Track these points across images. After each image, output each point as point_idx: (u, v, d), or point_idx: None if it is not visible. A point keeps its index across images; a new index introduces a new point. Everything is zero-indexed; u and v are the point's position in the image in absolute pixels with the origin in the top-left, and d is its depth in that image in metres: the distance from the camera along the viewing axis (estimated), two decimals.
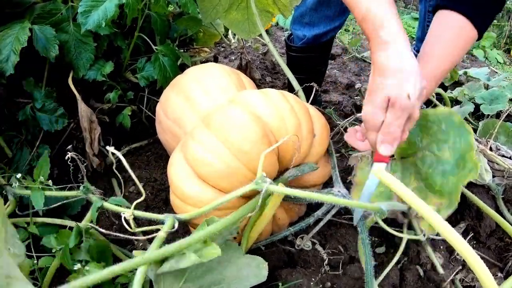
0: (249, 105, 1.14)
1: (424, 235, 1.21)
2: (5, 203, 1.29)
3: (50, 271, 1.13)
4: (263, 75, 2.85)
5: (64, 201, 1.29)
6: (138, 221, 1.50)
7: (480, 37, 1.32)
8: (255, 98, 1.16)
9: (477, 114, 2.58)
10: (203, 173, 1.06)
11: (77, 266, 1.05)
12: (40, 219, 1.29)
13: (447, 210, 1.17)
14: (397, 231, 1.15)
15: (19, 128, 1.52)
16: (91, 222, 1.17)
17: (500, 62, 4.79)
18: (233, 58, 3.30)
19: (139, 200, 1.01)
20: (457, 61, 1.36)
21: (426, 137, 1.31)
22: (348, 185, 1.37)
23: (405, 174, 1.31)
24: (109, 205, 1.15)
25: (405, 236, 1.21)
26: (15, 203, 1.31)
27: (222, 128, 1.08)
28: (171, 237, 1.26)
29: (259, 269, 1.10)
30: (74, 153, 1.14)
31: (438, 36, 1.32)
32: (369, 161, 1.36)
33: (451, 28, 1.30)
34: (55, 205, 1.26)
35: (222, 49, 3.41)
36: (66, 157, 1.14)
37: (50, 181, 1.24)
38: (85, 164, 1.24)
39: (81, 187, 1.18)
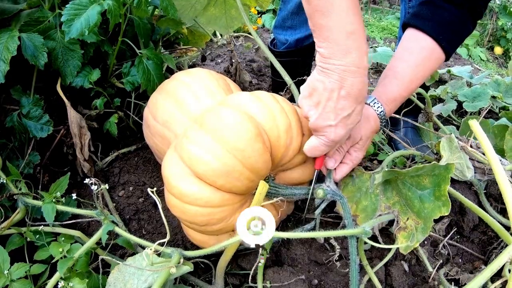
0: (241, 105, 1.18)
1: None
2: (13, 211, 1.34)
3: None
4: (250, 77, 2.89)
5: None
6: (142, 227, 1.53)
7: (447, 59, 1.37)
8: (247, 99, 1.20)
9: (460, 111, 2.64)
10: (200, 172, 1.08)
11: None
12: (46, 228, 1.31)
13: (422, 233, 1.19)
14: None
15: (8, 135, 1.53)
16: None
17: (483, 60, 4.86)
18: (219, 61, 3.33)
19: (162, 241, 1.06)
20: (423, 81, 1.39)
21: None
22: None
23: (387, 188, 1.34)
24: (121, 231, 1.21)
25: (393, 247, 1.24)
26: (25, 211, 1.34)
27: (217, 127, 1.10)
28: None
29: None
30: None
31: (408, 55, 1.35)
32: (354, 177, 1.41)
33: (421, 49, 1.33)
34: None
35: (208, 52, 3.44)
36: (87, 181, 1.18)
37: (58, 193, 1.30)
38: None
39: (96, 210, 1.23)
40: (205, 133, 1.11)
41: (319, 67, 1.07)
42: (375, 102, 1.34)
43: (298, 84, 1.77)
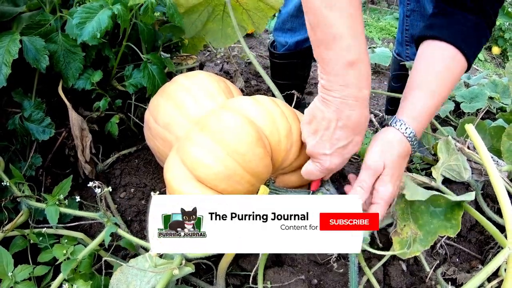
0: (242, 109, 1.19)
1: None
2: (16, 213, 1.36)
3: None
4: (248, 78, 2.90)
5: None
6: (143, 229, 1.55)
7: (469, 67, 1.27)
8: (247, 103, 1.21)
9: (458, 112, 2.65)
10: (201, 175, 1.09)
11: None
12: (49, 230, 1.33)
13: (421, 244, 1.21)
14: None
15: (10, 138, 1.54)
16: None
17: (481, 60, 4.88)
18: (218, 62, 3.34)
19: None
20: (449, 92, 1.28)
21: None
22: (335, 184, 1.42)
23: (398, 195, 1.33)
24: (124, 233, 1.23)
25: (388, 253, 1.26)
26: (28, 213, 1.36)
27: (218, 131, 1.12)
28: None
29: None
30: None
31: (430, 66, 1.25)
32: None
33: (443, 58, 1.24)
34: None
35: (207, 53, 3.44)
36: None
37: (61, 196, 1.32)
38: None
39: (99, 212, 1.25)
40: (206, 136, 1.12)
41: (320, 96, 1.09)
42: (396, 121, 1.19)
43: (298, 86, 1.79)
